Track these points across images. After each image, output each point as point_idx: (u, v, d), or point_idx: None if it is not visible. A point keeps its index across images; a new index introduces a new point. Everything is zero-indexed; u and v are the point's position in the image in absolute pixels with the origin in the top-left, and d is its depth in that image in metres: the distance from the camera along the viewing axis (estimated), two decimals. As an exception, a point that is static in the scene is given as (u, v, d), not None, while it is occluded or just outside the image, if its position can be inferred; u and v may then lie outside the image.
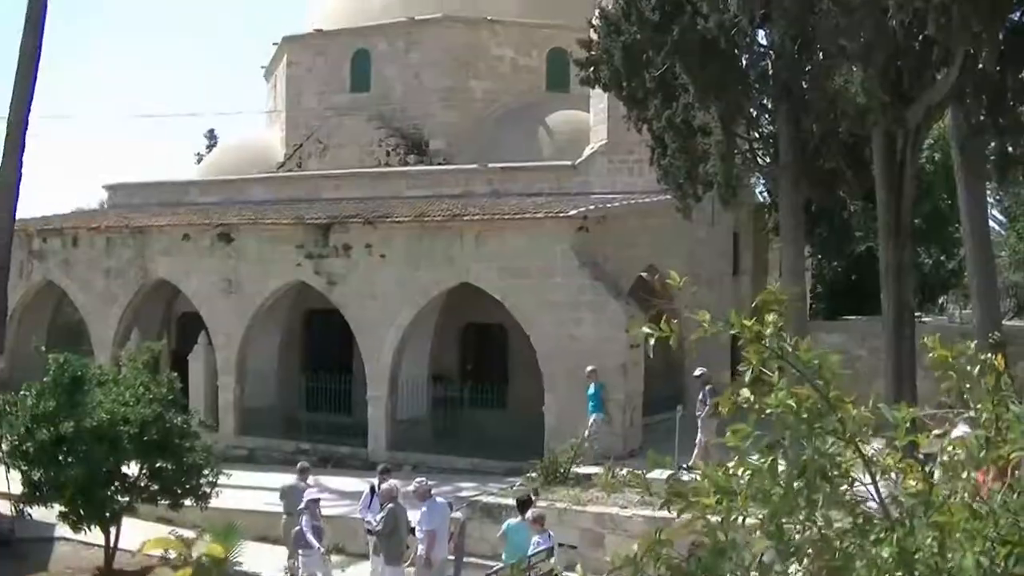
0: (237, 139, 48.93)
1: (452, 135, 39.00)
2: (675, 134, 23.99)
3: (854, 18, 20.02)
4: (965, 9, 18.55)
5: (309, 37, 42.55)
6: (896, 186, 22.25)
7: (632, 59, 23.99)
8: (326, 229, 31.89)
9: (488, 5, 40.00)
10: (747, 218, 36.66)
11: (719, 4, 21.77)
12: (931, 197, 36.99)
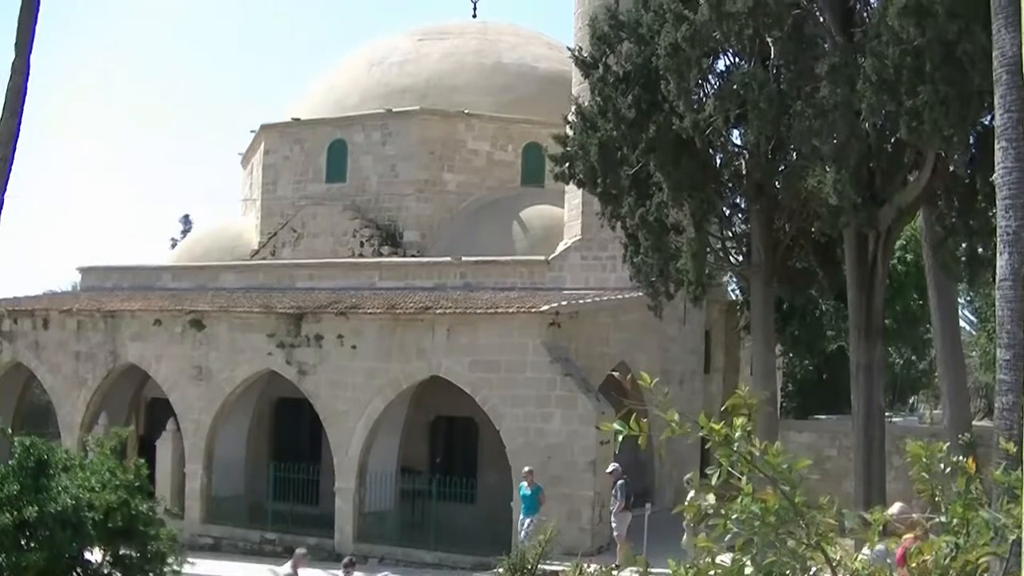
0: (211, 225, 48.94)
1: (426, 227, 39.11)
2: (648, 232, 24.11)
3: (828, 120, 20.26)
4: (936, 113, 18.81)
5: (286, 126, 42.74)
6: (867, 286, 22.39)
7: (607, 156, 24.16)
8: (298, 319, 31.84)
9: (465, 99, 40.32)
10: (719, 316, 36.75)
11: (694, 104, 21.99)
12: (903, 297, 37.19)
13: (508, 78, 41.60)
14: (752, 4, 19.98)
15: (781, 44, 20.96)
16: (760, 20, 20.38)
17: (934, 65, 18.74)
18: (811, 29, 21.75)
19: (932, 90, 18.74)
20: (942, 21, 18.29)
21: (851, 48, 20.52)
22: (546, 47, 43.86)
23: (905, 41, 18.84)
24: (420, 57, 42.72)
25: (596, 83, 24.46)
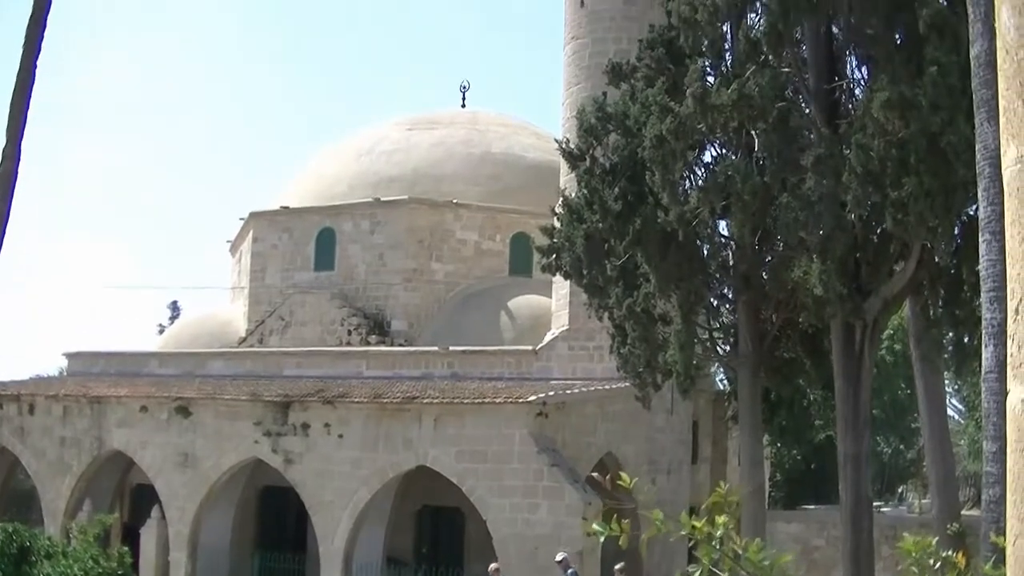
0: (199, 312, 48.95)
1: (414, 316, 39.15)
2: (635, 323, 24.13)
3: (813, 211, 20.36)
4: (921, 205, 18.92)
5: (275, 214, 42.90)
6: (854, 376, 22.37)
7: (594, 248, 24.25)
8: (285, 407, 31.75)
9: (453, 188, 40.54)
10: (707, 406, 36.70)
11: (680, 196, 22.10)
12: (890, 386, 37.28)
13: (496, 168, 41.86)
14: (737, 97, 20.14)
15: (766, 136, 21.10)
16: (745, 113, 20.52)
17: (919, 157, 18.87)
18: (796, 121, 21.91)
19: (917, 182, 18.85)
20: (926, 114, 18.44)
21: (836, 140, 20.66)
22: (534, 137, 44.17)
23: (890, 133, 18.98)
24: (409, 147, 43.00)
25: (583, 175, 24.61)
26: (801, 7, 19.81)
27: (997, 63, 3.33)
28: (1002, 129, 3.27)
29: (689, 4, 21.31)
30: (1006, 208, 3.23)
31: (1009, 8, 3.27)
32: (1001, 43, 3.29)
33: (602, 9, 31.28)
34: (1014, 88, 3.21)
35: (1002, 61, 3.27)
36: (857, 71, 22.62)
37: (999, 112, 3.30)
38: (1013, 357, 3.18)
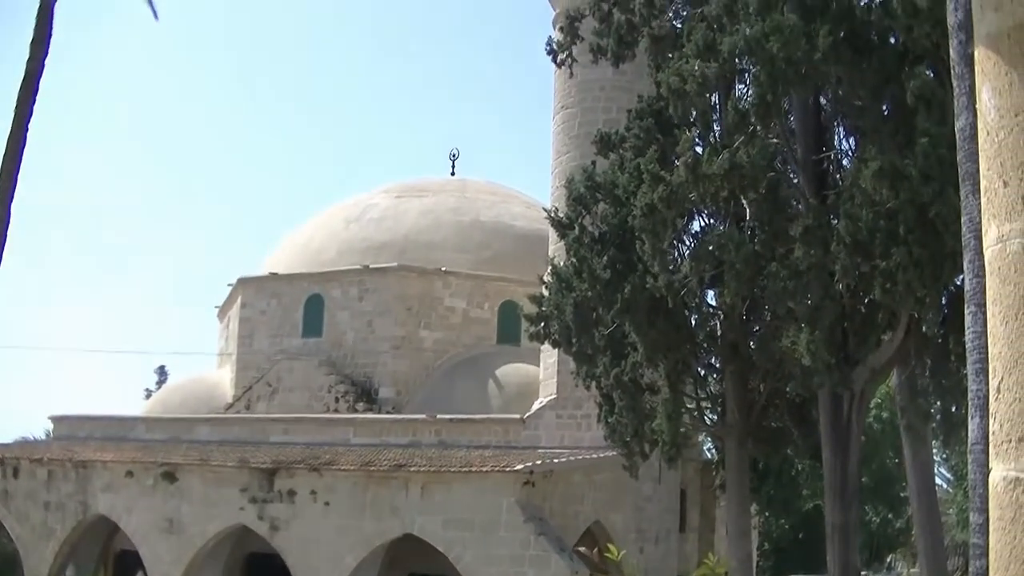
0: (187, 377, 48.83)
1: (402, 383, 39.09)
2: (623, 392, 24.12)
3: (802, 281, 20.43)
4: (909, 275, 18.98)
5: (264, 280, 42.93)
6: (842, 446, 22.36)
7: (582, 316, 24.28)
8: (271, 474, 31.62)
9: (442, 256, 40.62)
10: (695, 475, 36.61)
11: (669, 265, 22.17)
12: (878, 456, 37.27)
13: (485, 236, 41.98)
14: (728, 166, 20.25)
15: (756, 206, 21.22)
16: (736, 182, 20.63)
17: (907, 227, 18.96)
18: (786, 191, 22.05)
19: (905, 252, 18.93)
20: (916, 184, 18.54)
21: (825, 210, 20.78)
22: (523, 205, 44.34)
23: (879, 203, 19.08)
24: (398, 214, 43.12)
25: (572, 244, 24.69)
26: (789, 79, 19.96)
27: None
28: (983, 209, 3.30)
29: (678, 75, 21.47)
30: (987, 287, 3.26)
31: (990, 89, 3.31)
32: (982, 124, 3.33)
33: (591, 79, 31.47)
34: (995, 168, 3.25)
35: (983, 141, 3.31)
36: (845, 142, 22.82)
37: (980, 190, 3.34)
38: (995, 435, 3.20)
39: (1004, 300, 3.20)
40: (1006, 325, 3.20)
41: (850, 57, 19.91)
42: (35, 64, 28.26)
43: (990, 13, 3.38)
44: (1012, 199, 3.20)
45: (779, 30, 19.53)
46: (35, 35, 28.89)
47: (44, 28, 28.90)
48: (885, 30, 20.47)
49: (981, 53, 3.39)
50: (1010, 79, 3.25)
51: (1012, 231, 3.20)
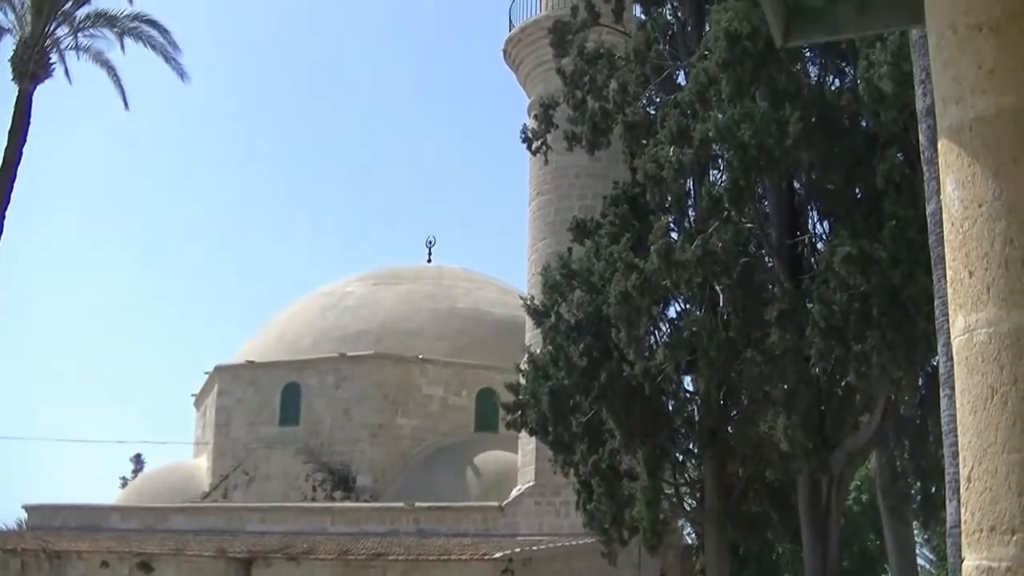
0: (163, 465, 48.51)
1: (379, 471, 38.91)
2: (601, 478, 24.04)
3: (778, 365, 20.47)
4: (884, 357, 19.02)
5: (241, 368, 42.81)
6: (822, 530, 22.30)
7: (559, 404, 24.26)
8: (248, 563, 31.36)
9: (419, 343, 40.60)
10: (675, 560, 36.33)
11: (645, 352, 22.20)
12: (859, 537, 37.07)
13: (462, 323, 42.02)
14: (701, 253, 20.35)
15: (730, 291, 21.30)
16: (709, 268, 20.73)
17: (880, 310, 19.04)
18: (760, 276, 22.15)
19: (879, 335, 18.99)
20: (886, 268, 18.66)
21: (799, 294, 20.86)
22: (500, 292, 44.42)
23: (851, 287, 19.18)
24: (375, 301, 43.16)
25: (548, 332, 24.74)
26: (761, 165, 20.13)
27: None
28: (950, 299, 3.33)
29: (653, 162, 21.64)
30: (956, 376, 3.28)
31: (954, 181, 3.35)
32: (947, 215, 3.36)
33: (566, 166, 31.67)
34: (960, 259, 3.27)
35: (948, 232, 3.34)
36: (819, 226, 22.96)
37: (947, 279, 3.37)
38: (967, 524, 3.20)
39: (972, 390, 3.22)
40: (975, 415, 3.21)
41: (821, 142, 20.10)
42: (13, 153, 28.38)
43: (952, 106, 3.43)
44: (978, 289, 3.22)
45: (750, 117, 19.72)
46: (13, 123, 29.01)
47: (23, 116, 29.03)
48: (855, 115, 20.70)
49: (944, 145, 3.43)
50: (973, 171, 3.29)
51: (979, 321, 3.22)
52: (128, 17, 32.10)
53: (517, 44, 35.27)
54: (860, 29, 5.35)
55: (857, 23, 4.87)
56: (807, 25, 4.77)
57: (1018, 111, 3.28)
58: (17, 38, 30.75)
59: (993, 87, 3.33)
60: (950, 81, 3.47)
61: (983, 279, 3.19)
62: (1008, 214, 3.18)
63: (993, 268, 3.17)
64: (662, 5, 25.54)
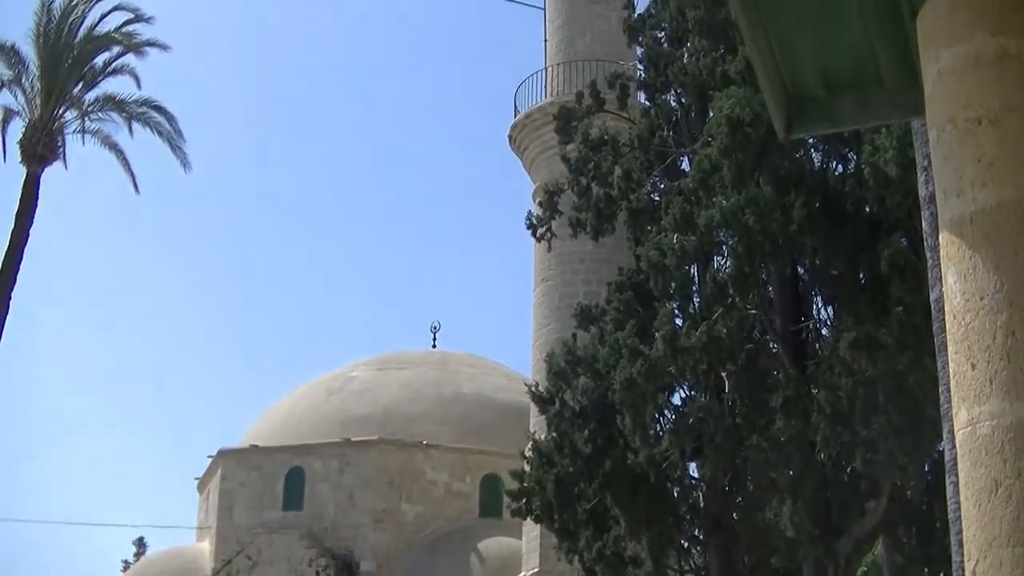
0: (166, 550, 48.26)
1: (383, 557, 38.68)
2: (606, 565, 23.83)
3: (783, 452, 20.36)
4: (890, 443, 18.93)
5: (245, 452, 42.71)
6: (829, 618, 22.08)
7: (564, 491, 24.11)
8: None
9: (423, 428, 40.52)
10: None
11: (650, 439, 22.11)
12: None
13: (467, 408, 41.95)
14: (706, 339, 20.33)
15: (735, 378, 21.25)
16: (714, 355, 20.68)
17: (886, 396, 18.96)
18: (765, 362, 22.09)
19: (885, 420, 18.90)
20: (892, 353, 18.61)
21: (804, 380, 20.79)
22: (504, 378, 44.37)
23: (857, 372, 19.11)
24: (379, 386, 43.12)
25: (553, 418, 24.66)
26: (766, 251, 20.17)
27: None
28: (953, 392, 3.33)
29: (657, 249, 21.69)
30: (959, 469, 3.27)
31: (955, 273, 3.37)
32: (949, 307, 3.38)
33: (571, 252, 31.74)
34: (962, 352, 3.28)
35: (950, 325, 3.35)
36: (823, 311, 22.92)
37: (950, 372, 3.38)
38: (972, 618, 3.18)
39: (976, 483, 3.21)
40: (979, 508, 3.20)
41: (825, 228, 20.13)
42: (20, 234, 28.50)
43: (953, 199, 3.45)
44: (981, 382, 3.23)
45: (754, 203, 19.78)
46: (21, 205, 29.15)
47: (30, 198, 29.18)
48: (858, 200, 20.75)
49: (945, 238, 3.45)
50: (974, 263, 3.31)
51: (982, 414, 3.22)
52: (136, 102, 32.44)
53: (522, 130, 35.51)
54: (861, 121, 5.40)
55: (858, 116, 4.91)
56: (809, 118, 4.82)
57: (1019, 204, 3.31)
58: (26, 121, 31.04)
59: (993, 180, 3.36)
60: (951, 174, 3.50)
61: (986, 372, 3.20)
62: (1010, 307, 3.19)
63: (995, 361, 3.18)
64: (666, 92, 25.70)
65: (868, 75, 4.64)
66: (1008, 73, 3.52)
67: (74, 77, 31.69)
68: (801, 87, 4.72)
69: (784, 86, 4.69)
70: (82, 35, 31.90)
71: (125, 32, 32.34)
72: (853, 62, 4.61)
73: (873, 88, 4.68)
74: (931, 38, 3.80)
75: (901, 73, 4.46)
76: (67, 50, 31.55)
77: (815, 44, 4.53)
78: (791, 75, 4.65)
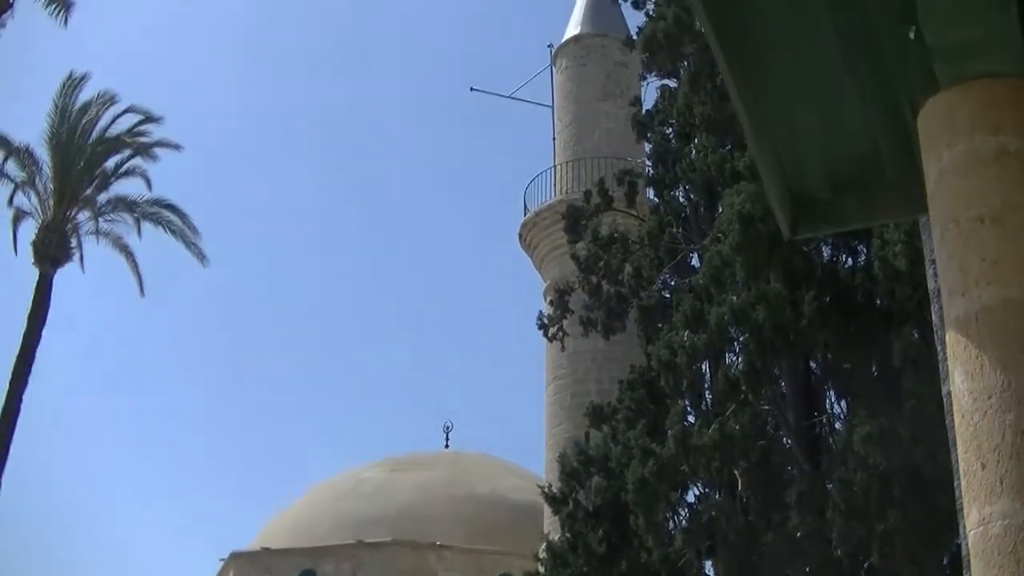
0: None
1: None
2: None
3: (799, 548, 20.19)
4: (907, 538, 18.78)
5: (256, 555, 42.34)
6: None
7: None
8: None
9: (437, 529, 40.24)
10: None
11: (664, 538, 21.95)
12: None
13: (480, 508, 41.71)
14: (719, 437, 20.26)
15: (749, 475, 21.14)
16: (727, 452, 20.60)
17: (902, 489, 18.84)
18: (778, 458, 21.98)
19: (901, 515, 18.75)
20: (907, 446, 18.52)
21: (819, 475, 20.68)
22: (518, 477, 44.17)
23: (871, 466, 19.01)
24: (392, 487, 42.93)
25: (566, 519, 24.51)
26: (777, 346, 20.15)
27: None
28: (963, 491, 3.32)
29: (668, 346, 21.69)
30: (972, 570, 3.25)
31: (962, 372, 3.37)
32: (957, 406, 3.37)
33: (582, 350, 31.74)
34: (972, 451, 3.27)
35: (959, 424, 3.35)
36: (836, 405, 22.84)
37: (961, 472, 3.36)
38: None
39: (989, 583, 3.19)
40: (994, 609, 3.18)
41: (836, 322, 20.13)
42: (32, 335, 28.59)
43: (958, 297, 3.46)
44: (991, 481, 3.21)
45: (765, 298, 19.81)
46: (33, 306, 29.28)
47: (43, 299, 29.30)
48: (869, 293, 20.76)
49: (952, 337, 3.46)
50: (981, 362, 3.31)
51: (993, 514, 3.20)
52: (148, 203, 32.72)
53: (532, 228, 35.69)
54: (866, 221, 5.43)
55: (863, 215, 4.95)
56: (814, 218, 4.85)
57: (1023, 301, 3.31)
58: (39, 222, 31.28)
59: (998, 278, 3.37)
60: (955, 272, 3.52)
61: (995, 471, 3.19)
62: (1018, 405, 3.19)
63: (1005, 460, 3.17)
64: (675, 188, 25.83)
65: (872, 174, 4.68)
66: (1009, 171, 3.55)
67: (87, 179, 32.01)
68: (805, 188, 4.76)
69: (788, 187, 4.73)
70: (94, 137, 32.27)
71: (136, 133, 32.73)
72: (857, 162, 4.65)
73: (877, 187, 4.71)
74: (932, 137, 3.83)
75: (905, 171, 4.49)
76: (80, 152, 31.93)
77: (818, 145, 4.58)
78: (795, 177, 4.69)
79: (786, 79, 4.33)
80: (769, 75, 4.30)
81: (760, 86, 4.29)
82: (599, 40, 37.77)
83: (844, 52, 4.16)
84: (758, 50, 4.19)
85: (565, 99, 37.78)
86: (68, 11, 28.81)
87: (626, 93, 34.83)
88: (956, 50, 3.73)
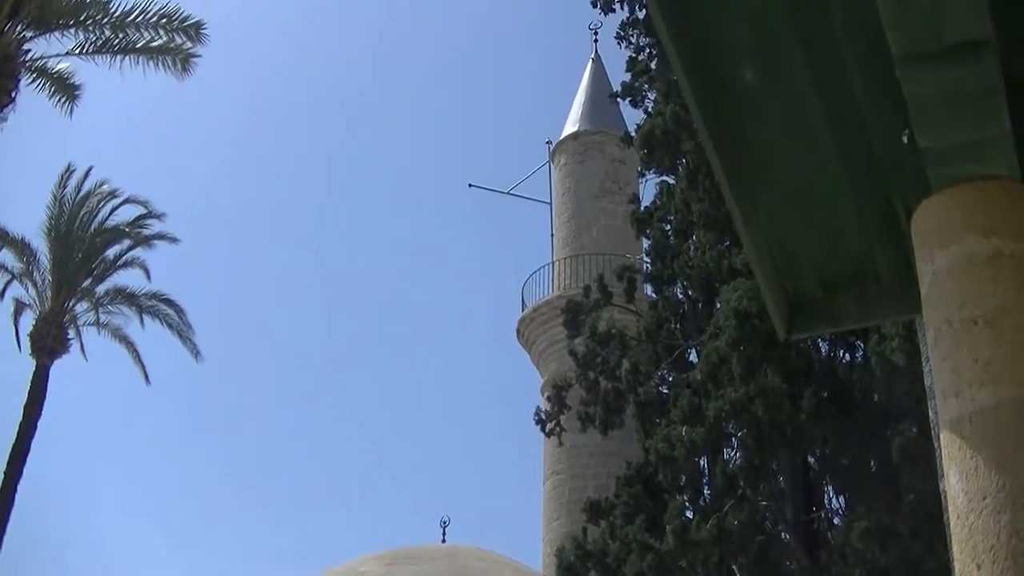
0: None
1: None
2: None
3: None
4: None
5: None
6: None
7: None
8: None
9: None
10: None
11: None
12: None
13: (477, 605, 41.38)
14: (717, 532, 20.18)
15: (747, 570, 21.03)
16: (725, 548, 20.52)
17: (900, 586, 18.80)
18: (776, 553, 21.88)
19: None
20: (905, 541, 18.46)
21: (817, 570, 20.59)
22: (515, 572, 43.75)
23: (870, 561, 18.95)
24: (389, 583, 42.62)
25: (564, 614, 24.38)
26: (776, 441, 20.15)
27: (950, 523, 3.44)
28: (960, 594, 3.34)
29: (666, 441, 21.66)
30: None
31: (957, 473, 3.40)
32: (952, 508, 3.40)
33: (580, 445, 31.65)
34: (967, 552, 3.30)
35: (954, 525, 3.37)
36: (835, 500, 22.80)
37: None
38: None
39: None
40: None
41: (834, 417, 20.15)
42: (28, 427, 28.52)
43: (952, 399, 3.50)
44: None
45: (764, 394, 19.83)
46: (29, 398, 29.22)
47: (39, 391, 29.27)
48: (867, 389, 20.79)
49: (946, 438, 3.50)
50: (975, 463, 3.34)
51: (989, 614, 3.22)
52: (146, 296, 32.79)
53: (530, 324, 35.73)
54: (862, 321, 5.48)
55: (859, 316, 5.00)
56: (809, 318, 4.90)
57: (1017, 402, 3.35)
58: (37, 313, 31.29)
59: (991, 379, 3.41)
60: (949, 374, 3.56)
61: (991, 572, 3.20)
62: (1012, 506, 3.22)
63: (1000, 561, 3.19)
64: (672, 284, 25.91)
65: (867, 275, 4.73)
66: (1002, 273, 3.60)
67: (84, 270, 32.10)
68: (801, 289, 4.81)
69: (783, 288, 4.78)
70: (93, 229, 32.39)
71: (135, 225, 32.86)
72: (851, 263, 4.71)
73: (873, 288, 4.76)
74: (925, 239, 3.89)
75: (900, 273, 4.54)
76: (78, 244, 32.04)
77: (813, 247, 4.64)
78: (790, 278, 4.75)
79: (780, 182, 4.40)
80: (763, 178, 4.37)
81: (754, 189, 4.36)
82: (597, 137, 38.02)
83: (838, 155, 4.23)
84: (752, 153, 4.26)
85: (563, 195, 38.00)
86: (74, 101, 29.01)
87: (624, 189, 35.10)
88: (949, 153, 3.78)
